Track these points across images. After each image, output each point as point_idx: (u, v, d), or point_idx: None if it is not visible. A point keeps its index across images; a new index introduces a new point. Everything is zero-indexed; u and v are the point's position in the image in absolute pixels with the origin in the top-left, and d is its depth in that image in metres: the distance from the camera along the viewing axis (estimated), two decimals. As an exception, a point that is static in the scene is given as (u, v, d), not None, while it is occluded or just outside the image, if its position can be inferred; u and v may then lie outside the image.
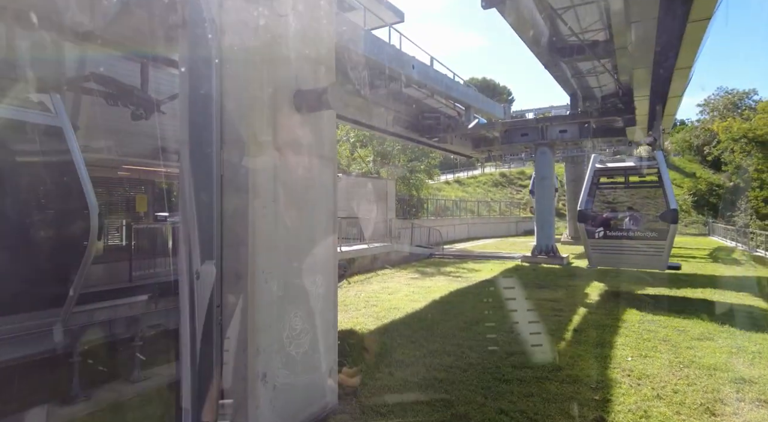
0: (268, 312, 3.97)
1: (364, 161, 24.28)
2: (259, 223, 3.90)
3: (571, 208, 28.75)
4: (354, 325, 7.89)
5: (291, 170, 4.23)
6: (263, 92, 3.98)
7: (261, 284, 3.88)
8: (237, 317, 3.87)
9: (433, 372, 5.55)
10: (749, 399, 4.65)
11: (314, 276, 4.52)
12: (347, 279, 12.64)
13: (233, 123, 3.90)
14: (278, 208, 4.08)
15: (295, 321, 4.22)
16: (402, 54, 11.10)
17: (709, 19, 5.61)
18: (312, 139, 4.47)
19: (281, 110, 4.12)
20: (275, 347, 4.05)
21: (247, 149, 3.86)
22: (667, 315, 8.47)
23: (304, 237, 4.37)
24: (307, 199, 4.41)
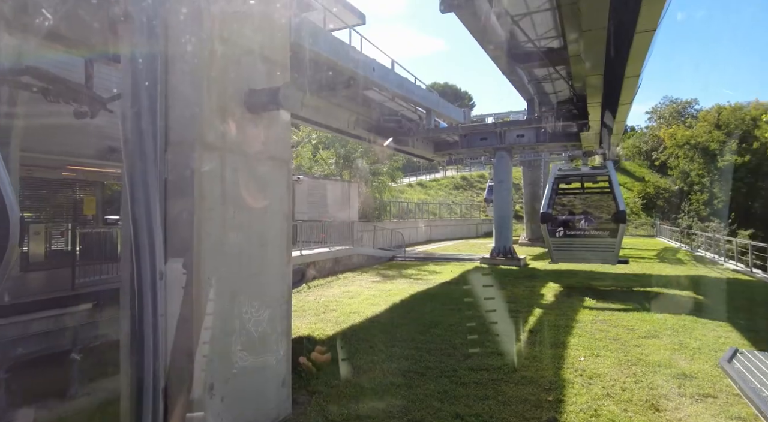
0: (215, 320, 3.79)
1: (327, 163, 24.05)
2: (205, 227, 3.72)
3: (528, 210, 29.58)
4: (312, 331, 7.73)
5: (241, 172, 4.07)
6: (212, 91, 3.81)
7: (208, 291, 3.70)
8: (182, 326, 3.67)
9: (391, 378, 5.49)
10: (689, 394, 4.85)
11: (266, 281, 4.37)
12: (307, 284, 12.43)
13: (179, 123, 3.71)
14: (227, 212, 3.91)
15: (245, 329, 4.06)
16: (363, 56, 11.03)
17: (654, 31, 5.88)
18: (264, 139, 4.32)
19: (231, 110, 3.96)
20: (224, 357, 3.88)
21: (194, 150, 3.68)
22: (617, 314, 8.80)
23: (256, 241, 4.21)
24: (259, 201, 4.26)
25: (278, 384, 4.46)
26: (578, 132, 16.37)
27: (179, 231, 3.67)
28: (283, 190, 4.56)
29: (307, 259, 13.64)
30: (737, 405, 4.57)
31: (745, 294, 11.11)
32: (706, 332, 7.26)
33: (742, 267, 16.17)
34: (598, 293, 11.20)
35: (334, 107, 13.34)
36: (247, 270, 4.12)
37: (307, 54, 8.71)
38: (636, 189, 45.13)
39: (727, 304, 9.55)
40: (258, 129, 4.26)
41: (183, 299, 3.63)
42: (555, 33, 9.65)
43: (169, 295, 3.66)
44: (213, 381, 3.78)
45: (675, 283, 12.49)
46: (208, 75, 3.77)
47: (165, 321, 3.69)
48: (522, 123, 17.44)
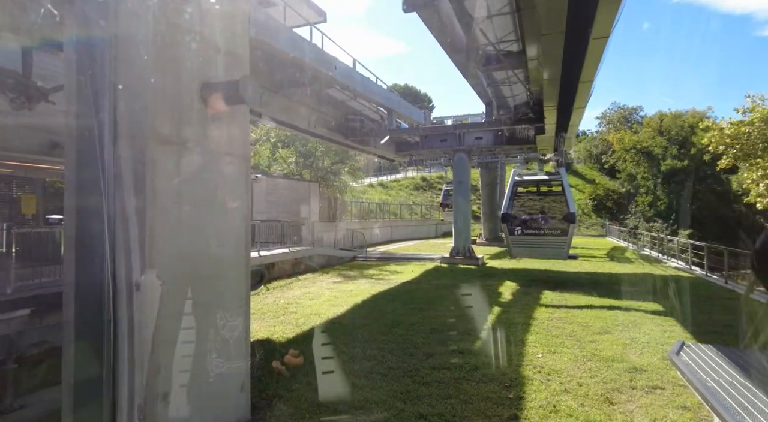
0: (169, 325, 3.59)
1: (286, 162, 23.62)
2: (159, 227, 3.51)
3: (486, 211, 30.26)
4: (271, 334, 7.53)
5: (197, 168, 3.88)
6: (165, 82, 3.61)
7: (161, 294, 3.50)
8: (132, 332, 3.45)
9: (353, 379, 5.42)
10: (640, 387, 5.07)
11: (224, 284, 4.20)
12: (266, 285, 12.12)
13: (130, 115, 3.49)
14: (182, 210, 3.72)
15: (201, 334, 3.87)
16: (324, 54, 10.89)
17: (607, 37, 6.13)
18: (222, 135, 4.15)
19: (187, 103, 3.77)
20: (178, 364, 3.68)
21: (146, 145, 3.47)
22: (572, 311, 9.11)
23: (213, 241, 4.03)
24: (216, 200, 4.08)
25: (237, 389, 4.29)
26: (534, 135, 16.89)
27: (129, 230, 3.45)
28: (242, 189, 4.40)
29: (266, 260, 13.32)
30: (683, 395, 4.83)
31: (687, 291, 11.80)
32: (654, 327, 7.64)
33: (683, 264, 17.21)
34: (554, 291, 11.57)
35: (295, 105, 13.10)
36: (204, 271, 3.94)
37: (268, 50, 8.49)
38: (587, 191, 47.15)
39: (671, 300, 10.12)
40: (215, 124, 4.08)
41: (133, 303, 3.42)
42: (514, 36, 9.91)
43: (117, 299, 3.44)
44: (166, 390, 3.58)
45: (624, 281, 13.09)
46: (162, 65, 3.57)
47: (112, 328, 3.46)
48: (481, 125, 17.80)
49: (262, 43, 8.11)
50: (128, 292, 3.40)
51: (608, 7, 5.46)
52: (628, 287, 11.98)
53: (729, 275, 13.39)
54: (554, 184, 13.32)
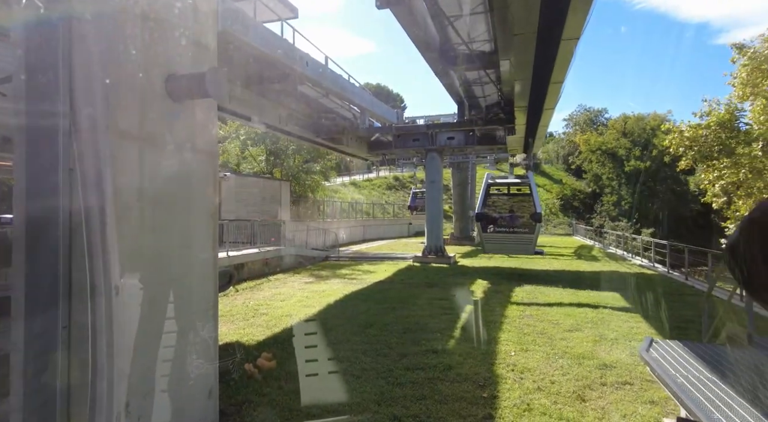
0: (131, 331, 3.38)
1: (256, 160, 23.15)
2: (119, 227, 3.30)
3: (457, 210, 30.57)
4: (241, 337, 7.31)
5: (162, 165, 3.68)
6: (127, 72, 3.40)
7: (121, 299, 3.29)
8: (91, 339, 3.23)
9: (326, 382, 5.29)
10: (610, 383, 5.16)
11: (189, 286, 4.00)
12: (235, 287, 11.81)
13: (88, 107, 3.26)
14: (144, 209, 3.51)
15: (165, 339, 3.67)
16: (296, 49, 10.68)
17: (578, 39, 6.23)
18: (189, 130, 3.95)
19: (150, 95, 3.56)
20: (141, 372, 3.48)
21: (106, 138, 3.25)
22: (543, 309, 9.25)
23: (177, 242, 3.84)
24: (182, 198, 3.88)
25: (204, 395, 4.11)
26: (505, 135, 17.12)
27: (87, 230, 3.22)
28: (209, 187, 4.21)
29: (235, 261, 12.99)
30: (650, 390, 4.94)
31: (650, 288, 12.21)
32: (621, 323, 7.83)
33: (646, 262, 17.83)
34: (524, 289, 11.77)
35: (266, 102, 12.81)
36: (168, 274, 3.74)
37: (238, 44, 8.24)
38: (554, 191, 48.36)
39: (636, 297, 10.43)
40: (181, 118, 3.88)
41: (92, 308, 3.20)
42: (487, 36, 9.98)
43: (74, 304, 3.21)
44: (128, 399, 3.37)
45: (592, 279, 13.44)
46: (123, 54, 3.36)
47: (69, 334, 3.23)
48: (453, 125, 17.91)
49: (231, 36, 7.86)
50: (85, 296, 3.18)
51: (579, 8, 5.54)
52: (595, 285, 12.29)
53: (689, 272, 13.94)
54: (523, 187, 14.56)
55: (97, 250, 3.18)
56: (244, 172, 22.47)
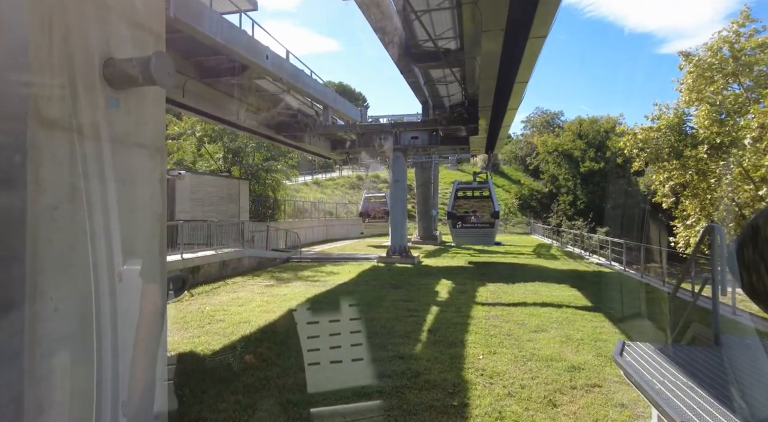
0: (59, 351, 2.94)
1: (213, 158, 22.24)
2: (44, 230, 2.86)
3: (420, 210, 30.61)
4: (195, 346, 6.83)
5: (99, 160, 3.24)
6: (54, 53, 2.95)
7: (47, 313, 2.85)
8: (10, 363, 2.78)
9: (287, 394, 4.97)
10: (580, 386, 5.10)
11: (133, 295, 3.58)
12: (189, 291, 11.18)
13: (4, 91, 2.80)
14: (77, 210, 3.07)
15: (102, 359, 3.24)
16: (255, 42, 10.18)
17: (545, 37, 6.18)
18: (131, 122, 3.53)
19: (84, 80, 3.12)
20: (71, 398, 3.04)
21: (26, 128, 2.80)
22: (508, 309, 9.23)
23: (118, 247, 3.40)
24: (123, 198, 3.45)
25: (150, 416, 3.68)
26: (468, 136, 17.19)
27: (3, 234, 2.77)
28: (155, 185, 3.79)
29: (190, 264, 12.32)
30: (619, 392, 4.91)
31: (609, 286, 12.53)
32: (585, 323, 7.89)
33: (603, 260, 18.37)
34: (488, 288, 11.79)
35: (223, 96, 12.21)
36: (106, 283, 3.30)
37: (191, 33, 7.72)
38: (513, 191, 49.46)
39: (597, 296, 10.63)
40: (123, 108, 3.45)
41: (9, 325, 2.74)
42: (453, 34, 9.86)
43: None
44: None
45: (553, 278, 13.65)
46: (51, 31, 2.91)
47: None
48: (417, 124, 17.81)
49: (184, 25, 7.34)
50: (1, 311, 2.72)
51: (548, 6, 5.47)
52: (557, 284, 12.48)
53: (644, 270, 14.43)
54: (484, 190, 17.75)
55: (15, 257, 2.73)
56: (200, 170, 21.54)
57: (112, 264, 3.40)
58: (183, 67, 10.40)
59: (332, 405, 4.63)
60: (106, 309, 3.33)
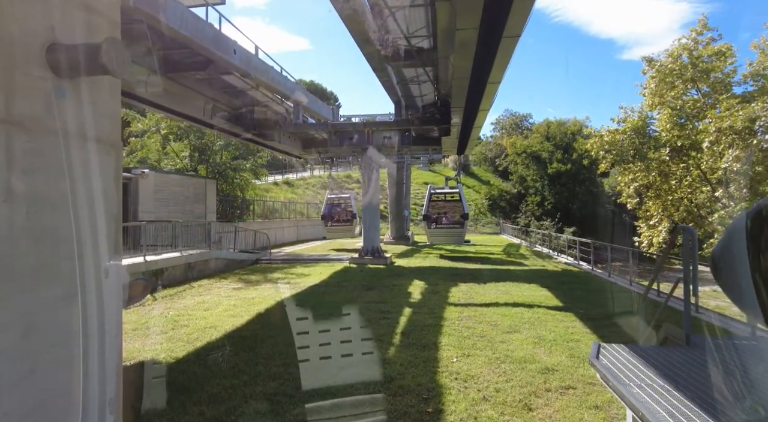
0: (5, 368, 2.64)
1: (179, 156, 21.49)
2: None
3: (393, 210, 30.53)
4: (156, 354, 6.47)
5: (42, 156, 2.93)
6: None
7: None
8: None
9: (255, 404, 4.73)
10: (554, 388, 5.06)
11: (84, 304, 3.27)
12: (153, 295, 10.69)
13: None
14: (16, 210, 2.76)
15: (48, 374, 2.94)
16: (222, 36, 9.81)
17: (519, 37, 6.15)
18: (80, 114, 3.22)
19: (23, 67, 2.81)
20: (14, 417, 2.73)
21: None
22: (480, 310, 9.21)
23: (66, 251, 3.10)
24: (72, 196, 3.15)
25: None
26: (440, 136, 17.20)
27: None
28: (109, 183, 3.47)
29: (153, 266, 11.81)
30: (593, 394, 4.90)
31: (578, 285, 12.71)
32: (557, 323, 7.93)
33: (571, 260, 18.74)
34: (460, 289, 11.77)
35: (188, 92, 11.74)
36: (51, 292, 3.00)
37: (152, 23, 7.32)
38: (483, 191, 50.08)
39: (567, 295, 10.76)
40: (71, 99, 3.14)
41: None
42: (426, 32, 9.77)
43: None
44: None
45: (523, 278, 13.78)
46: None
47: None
48: (389, 124, 17.69)
49: (144, 14, 6.95)
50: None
51: (522, 5, 5.42)
52: (527, 283, 12.59)
53: (611, 269, 14.76)
54: (455, 195, 19.82)
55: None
56: (165, 169, 20.76)
57: (59, 269, 3.09)
58: (146, 61, 9.93)
59: (303, 414, 4.43)
60: (52, 319, 3.02)
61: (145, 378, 5.56)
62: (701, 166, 19.39)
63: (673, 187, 20.25)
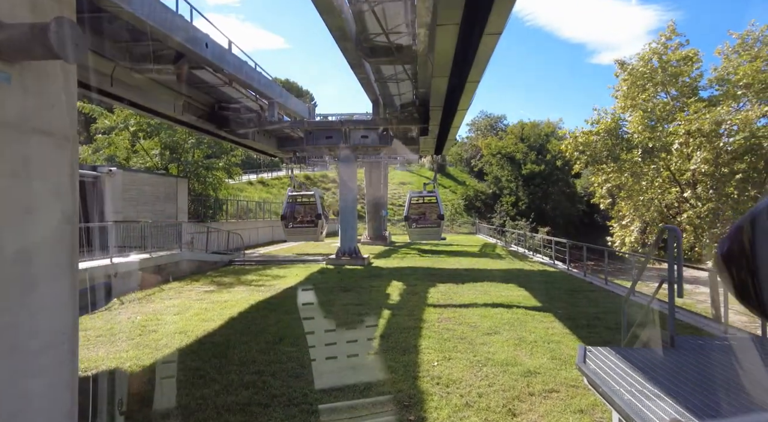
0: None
1: (149, 154, 20.73)
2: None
3: (370, 210, 30.32)
4: (121, 362, 6.09)
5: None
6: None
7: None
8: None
9: (227, 416, 4.45)
10: (538, 392, 4.95)
11: (30, 313, 2.96)
12: (120, 299, 10.18)
13: None
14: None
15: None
16: (194, 28, 9.40)
17: (500, 34, 6.05)
18: (29, 103, 2.90)
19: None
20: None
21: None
22: (459, 311, 9.11)
23: (10, 256, 2.78)
24: (17, 197, 2.84)
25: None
26: (418, 136, 17.08)
27: None
28: (64, 180, 3.17)
29: (120, 268, 11.27)
30: (576, 397, 4.81)
31: (555, 285, 12.78)
32: (536, 324, 7.87)
33: (547, 260, 18.92)
34: (438, 289, 11.67)
35: (158, 87, 11.24)
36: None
37: (116, 12, 6.91)
38: (459, 192, 50.39)
39: (545, 295, 10.77)
40: (15, 87, 2.83)
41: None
42: (406, 29, 9.60)
43: None
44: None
45: (500, 277, 13.78)
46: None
47: None
48: (367, 122, 17.45)
49: (108, 2, 6.54)
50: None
51: (505, 1, 5.30)
52: (505, 283, 12.58)
53: (587, 269, 14.93)
54: (432, 198, 21.18)
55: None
56: (134, 167, 19.99)
57: (2, 275, 2.77)
58: (112, 53, 9.43)
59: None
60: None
61: (106, 389, 5.20)
62: (671, 167, 19.86)
63: (644, 187, 20.68)
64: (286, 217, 19.96)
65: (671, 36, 20.87)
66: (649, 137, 19.67)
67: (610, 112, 21.61)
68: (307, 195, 20.72)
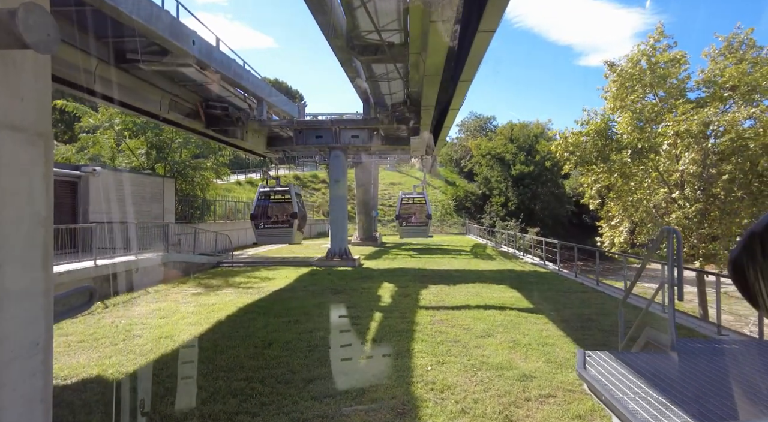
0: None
1: (135, 154, 20.33)
2: None
3: (361, 210, 30.15)
4: (103, 369, 5.85)
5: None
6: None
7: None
8: None
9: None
10: (534, 397, 4.84)
11: (0, 321, 2.75)
12: (103, 303, 9.89)
13: None
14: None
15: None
16: (180, 24, 9.16)
17: (494, 32, 5.94)
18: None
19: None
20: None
21: None
22: (452, 313, 8.98)
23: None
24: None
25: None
26: (409, 136, 16.95)
27: None
28: (35, 180, 2.97)
29: (104, 271, 10.96)
30: (574, 402, 4.70)
31: (546, 286, 12.74)
32: (530, 326, 7.77)
33: (537, 260, 18.92)
34: (430, 290, 11.55)
35: (144, 84, 10.96)
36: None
37: (98, 5, 6.66)
38: (449, 192, 50.41)
39: (537, 296, 10.70)
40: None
41: None
42: (397, 26, 9.45)
43: None
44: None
45: (492, 278, 13.71)
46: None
47: None
48: (358, 122, 17.28)
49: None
50: None
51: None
52: (497, 284, 12.50)
53: (578, 270, 14.92)
54: (421, 199, 23.76)
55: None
56: (119, 167, 19.58)
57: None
58: (95, 50, 9.16)
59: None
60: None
61: (87, 398, 4.97)
62: (659, 168, 20.00)
63: (633, 188, 20.81)
64: (256, 217, 17.62)
65: (659, 38, 21.03)
66: (638, 138, 19.79)
67: (600, 112, 21.72)
68: (281, 191, 17.89)
